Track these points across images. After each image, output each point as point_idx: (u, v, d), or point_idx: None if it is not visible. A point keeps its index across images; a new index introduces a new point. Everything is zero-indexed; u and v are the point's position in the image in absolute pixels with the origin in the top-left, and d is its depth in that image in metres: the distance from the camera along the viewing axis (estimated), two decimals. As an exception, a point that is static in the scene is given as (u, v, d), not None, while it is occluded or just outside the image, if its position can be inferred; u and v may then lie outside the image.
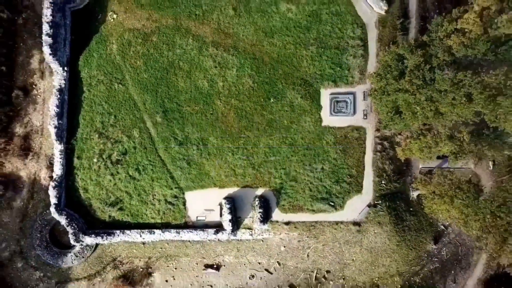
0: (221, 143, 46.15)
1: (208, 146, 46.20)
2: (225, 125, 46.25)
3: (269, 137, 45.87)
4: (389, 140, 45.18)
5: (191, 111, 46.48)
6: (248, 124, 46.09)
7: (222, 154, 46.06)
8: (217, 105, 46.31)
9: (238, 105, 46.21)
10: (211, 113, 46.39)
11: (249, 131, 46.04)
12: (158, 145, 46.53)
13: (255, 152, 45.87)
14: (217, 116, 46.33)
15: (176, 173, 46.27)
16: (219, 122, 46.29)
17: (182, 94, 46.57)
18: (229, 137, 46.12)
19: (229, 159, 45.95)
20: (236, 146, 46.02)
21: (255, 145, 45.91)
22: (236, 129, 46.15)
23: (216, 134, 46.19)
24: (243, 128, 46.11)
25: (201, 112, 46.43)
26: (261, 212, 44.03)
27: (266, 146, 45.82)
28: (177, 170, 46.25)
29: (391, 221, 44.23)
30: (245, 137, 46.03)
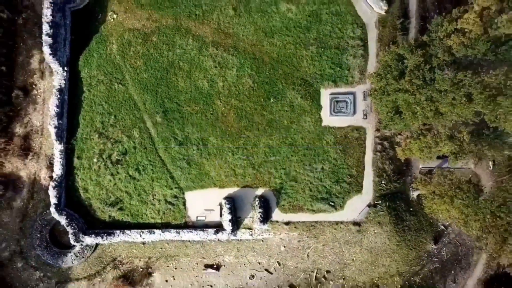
0: (221, 143, 46.17)
1: (208, 146, 46.23)
2: (225, 125, 46.28)
3: (269, 137, 45.88)
4: (389, 140, 45.14)
5: (191, 111, 46.51)
6: (248, 124, 46.11)
7: (222, 154, 46.08)
8: (217, 105, 46.34)
9: (238, 105, 46.23)
10: (211, 113, 46.42)
11: (249, 131, 46.06)
12: (158, 145, 46.55)
13: (255, 152, 45.88)
14: (217, 116, 46.35)
15: (176, 173, 46.30)
16: (219, 122, 46.31)
17: (182, 94, 46.59)
18: (229, 137, 46.14)
19: (229, 159, 45.96)
20: (236, 146, 46.05)
21: (255, 145, 45.93)
22: (236, 129, 46.18)
23: (216, 134, 46.21)
24: (243, 128, 46.13)
25: (201, 112, 46.45)
26: (261, 212, 44.04)
27: (266, 146, 45.84)
28: (177, 170, 46.27)
29: (391, 221, 44.22)
30: (245, 137, 46.05)
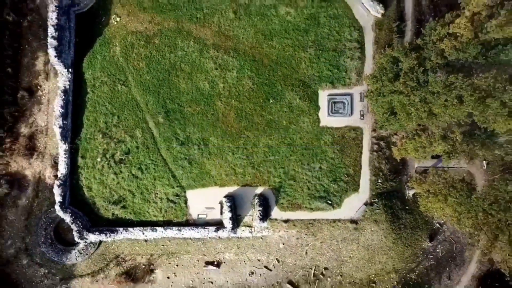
0: (222, 143, 46.41)
1: (209, 146, 46.50)
2: (226, 125, 46.54)
3: (268, 137, 46.10)
4: (385, 140, 45.28)
5: (193, 112, 46.78)
6: (248, 125, 46.38)
7: (222, 154, 46.32)
8: (218, 106, 46.60)
9: (238, 106, 46.51)
10: (212, 113, 46.68)
11: (249, 131, 46.33)
12: (160, 145, 46.81)
13: (255, 151, 46.13)
14: (218, 116, 46.60)
15: (178, 172, 46.53)
16: (219, 123, 46.55)
17: (183, 95, 46.81)
18: (229, 137, 46.38)
19: (230, 158, 46.20)
20: (236, 146, 46.31)
21: (254, 145, 46.18)
22: (236, 129, 46.45)
23: (217, 134, 46.45)
24: (243, 128, 46.39)
25: (202, 112, 46.70)
26: (261, 210, 44.20)
27: (266, 146, 46.06)
28: (179, 169, 46.51)
29: (388, 219, 44.36)
30: (245, 137, 46.29)
